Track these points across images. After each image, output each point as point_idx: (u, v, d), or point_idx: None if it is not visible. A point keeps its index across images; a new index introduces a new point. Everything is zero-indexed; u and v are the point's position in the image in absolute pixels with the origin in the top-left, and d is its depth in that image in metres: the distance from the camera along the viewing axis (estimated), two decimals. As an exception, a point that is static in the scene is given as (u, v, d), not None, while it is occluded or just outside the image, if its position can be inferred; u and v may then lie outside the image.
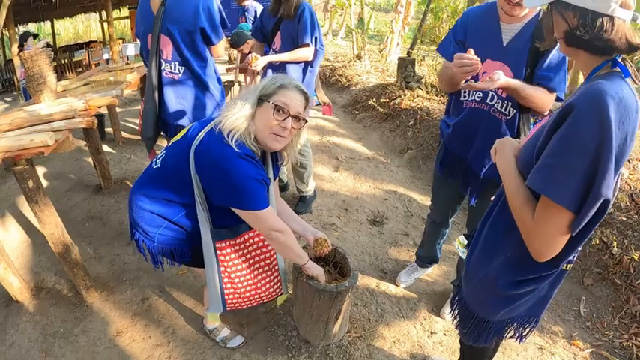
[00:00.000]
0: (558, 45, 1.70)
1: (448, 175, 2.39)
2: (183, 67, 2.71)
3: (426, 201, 2.67)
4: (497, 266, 1.40)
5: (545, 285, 1.41)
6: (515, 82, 1.80)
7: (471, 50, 1.75)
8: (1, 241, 2.61)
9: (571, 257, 1.32)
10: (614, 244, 2.94)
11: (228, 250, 1.94)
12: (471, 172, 2.22)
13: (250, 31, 3.97)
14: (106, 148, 5.02)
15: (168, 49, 2.66)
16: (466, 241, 1.77)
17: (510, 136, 1.97)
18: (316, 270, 2.09)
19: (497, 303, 1.47)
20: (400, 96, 5.96)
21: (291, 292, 2.45)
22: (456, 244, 1.98)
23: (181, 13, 2.56)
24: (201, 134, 1.72)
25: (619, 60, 1.13)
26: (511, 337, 1.62)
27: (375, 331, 2.56)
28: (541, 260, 1.21)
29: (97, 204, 3.92)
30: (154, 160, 1.91)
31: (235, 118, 1.67)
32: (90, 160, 4.25)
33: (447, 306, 2.68)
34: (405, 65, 6.39)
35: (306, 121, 1.81)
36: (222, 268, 1.95)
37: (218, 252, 1.92)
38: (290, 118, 1.72)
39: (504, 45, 1.94)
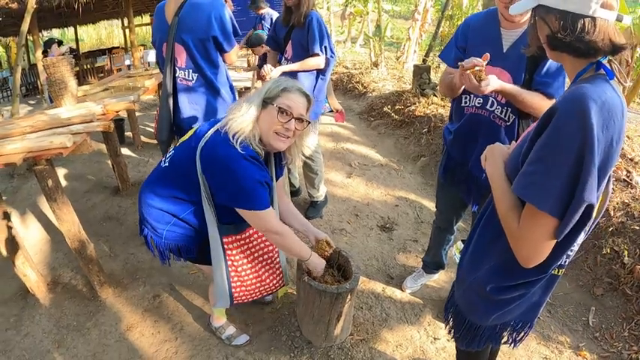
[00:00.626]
0: None
1: (451, 181, 2.41)
2: (197, 74, 2.79)
3: (435, 208, 2.70)
4: (486, 272, 1.41)
5: (536, 290, 1.41)
6: (511, 87, 1.80)
7: (488, 55, 1.74)
8: (21, 237, 2.73)
9: (561, 262, 1.31)
10: (626, 253, 2.90)
11: (235, 245, 2.01)
12: (472, 178, 2.23)
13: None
14: (125, 151, 5.16)
15: (182, 57, 2.75)
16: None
17: (509, 143, 1.99)
18: (317, 261, 2.14)
19: (488, 308, 1.47)
20: (415, 103, 5.99)
21: (292, 285, 2.49)
22: (454, 250, 2.00)
23: (194, 23, 2.65)
24: (208, 135, 1.79)
25: (604, 62, 1.13)
26: (505, 342, 1.63)
27: (378, 335, 2.58)
28: (528, 266, 1.21)
29: (114, 205, 4.04)
30: (163, 159, 1.99)
31: (241, 120, 1.74)
32: (109, 162, 4.36)
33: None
34: (421, 72, 6.41)
35: (309, 122, 1.88)
36: (229, 262, 2.02)
37: (225, 247, 1.99)
38: (293, 119, 1.79)
39: (504, 51, 1.95)
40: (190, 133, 1.95)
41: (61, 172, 4.71)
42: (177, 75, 2.81)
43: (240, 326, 2.57)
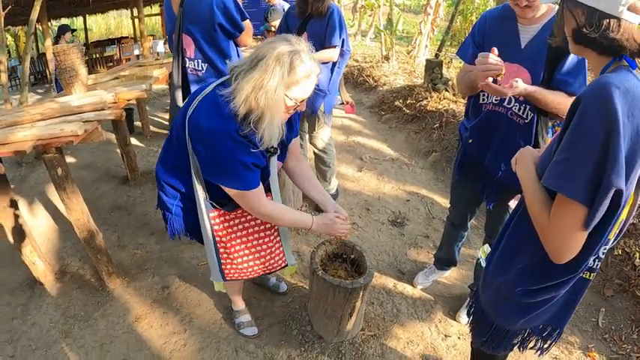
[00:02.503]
0: None
1: (466, 178, 2.36)
2: (206, 65, 2.79)
3: (449, 203, 2.66)
4: (515, 274, 1.38)
5: (565, 294, 1.38)
6: (535, 90, 1.75)
7: (495, 49, 1.71)
8: (29, 226, 2.71)
9: (591, 264, 1.30)
10: (637, 255, 2.86)
11: (222, 219, 1.93)
12: (489, 176, 2.18)
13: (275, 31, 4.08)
14: (134, 141, 5.14)
15: (190, 48, 2.76)
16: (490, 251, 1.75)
17: (528, 140, 1.94)
18: (323, 223, 1.97)
19: (516, 311, 1.45)
20: (427, 98, 5.92)
21: (302, 279, 2.44)
22: (479, 253, 1.95)
23: (198, 13, 2.65)
24: (199, 98, 1.66)
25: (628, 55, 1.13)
26: (532, 347, 1.59)
27: (389, 331, 2.55)
28: (560, 261, 1.18)
29: (123, 194, 4.03)
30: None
31: (267, 123, 1.56)
32: (118, 151, 4.34)
33: (463, 310, 2.65)
34: (433, 67, 6.34)
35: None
36: (217, 239, 1.95)
37: (212, 222, 1.91)
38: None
39: (522, 47, 1.89)
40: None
41: (69, 160, 4.70)
42: (187, 66, 2.80)
43: (250, 319, 2.55)
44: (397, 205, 3.96)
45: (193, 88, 2.83)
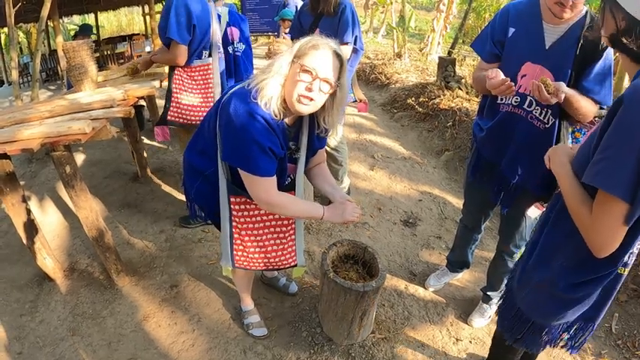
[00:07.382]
0: (604, 55, 1.71)
1: (480, 181, 2.28)
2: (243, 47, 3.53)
3: (462, 204, 2.61)
4: (559, 269, 1.39)
5: (600, 289, 1.40)
6: (573, 94, 1.69)
7: (508, 79, 1.69)
8: (39, 222, 2.71)
9: (627, 259, 1.31)
10: (652, 260, 2.79)
11: (242, 207, 1.94)
12: (504, 180, 2.10)
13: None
14: (144, 138, 5.11)
15: (236, 35, 3.41)
16: None
17: (547, 146, 1.87)
18: (333, 213, 1.88)
19: (555, 307, 1.46)
20: (439, 96, 5.85)
21: (310, 279, 2.41)
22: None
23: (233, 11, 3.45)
24: (234, 88, 1.73)
25: None
26: (562, 346, 1.60)
27: (400, 334, 2.51)
28: (601, 255, 1.20)
29: (132, 192, 4.01)
30: None
31: (269, 80, 1.63)
32: (128, 148, 4.33)
33: (475, 313, 2.61)
34: (446, 65, 6.27)
35: (338, 86, 1.71)
36: (233, 223, 1.97)
37: (232, 206, 1.93)
38: (318, 80, 1.61)
39: (547, 47, 1.80)
40: None
41: (79, 157, 4.71)
42: (235, 49, 3.44)
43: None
44: (409, 204, 3.91)
45: (237, 66, 3.49)
